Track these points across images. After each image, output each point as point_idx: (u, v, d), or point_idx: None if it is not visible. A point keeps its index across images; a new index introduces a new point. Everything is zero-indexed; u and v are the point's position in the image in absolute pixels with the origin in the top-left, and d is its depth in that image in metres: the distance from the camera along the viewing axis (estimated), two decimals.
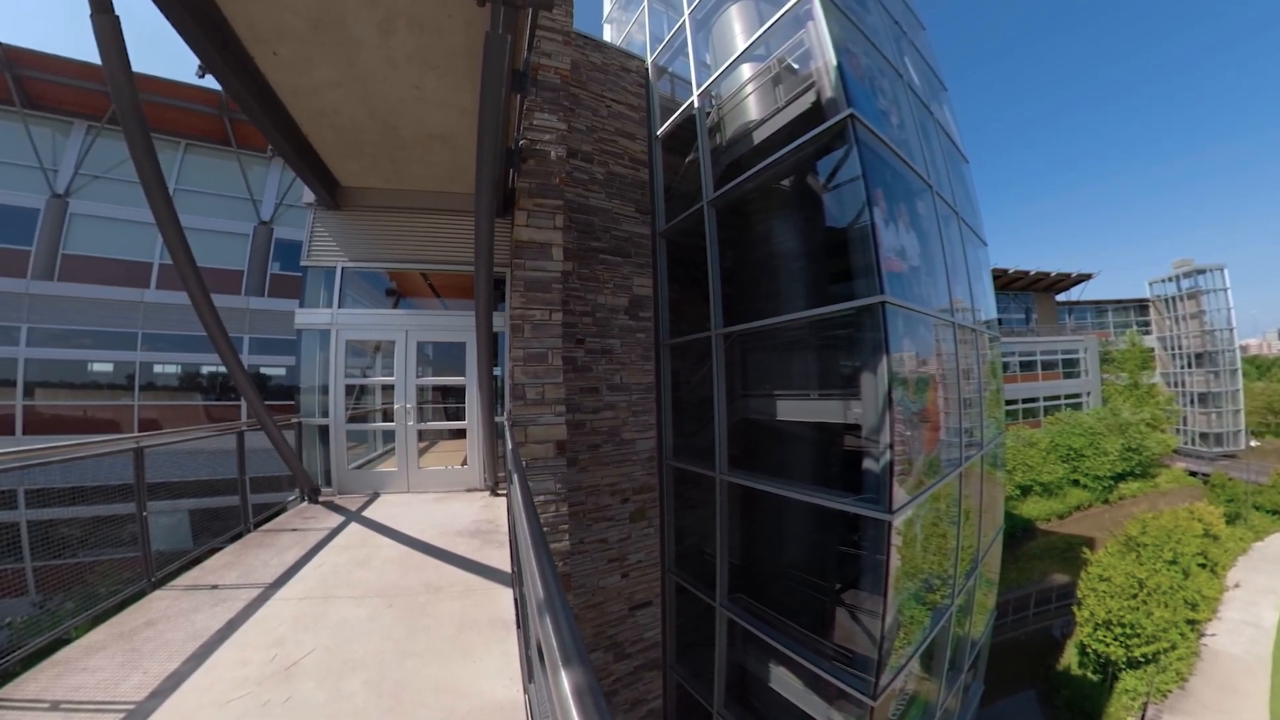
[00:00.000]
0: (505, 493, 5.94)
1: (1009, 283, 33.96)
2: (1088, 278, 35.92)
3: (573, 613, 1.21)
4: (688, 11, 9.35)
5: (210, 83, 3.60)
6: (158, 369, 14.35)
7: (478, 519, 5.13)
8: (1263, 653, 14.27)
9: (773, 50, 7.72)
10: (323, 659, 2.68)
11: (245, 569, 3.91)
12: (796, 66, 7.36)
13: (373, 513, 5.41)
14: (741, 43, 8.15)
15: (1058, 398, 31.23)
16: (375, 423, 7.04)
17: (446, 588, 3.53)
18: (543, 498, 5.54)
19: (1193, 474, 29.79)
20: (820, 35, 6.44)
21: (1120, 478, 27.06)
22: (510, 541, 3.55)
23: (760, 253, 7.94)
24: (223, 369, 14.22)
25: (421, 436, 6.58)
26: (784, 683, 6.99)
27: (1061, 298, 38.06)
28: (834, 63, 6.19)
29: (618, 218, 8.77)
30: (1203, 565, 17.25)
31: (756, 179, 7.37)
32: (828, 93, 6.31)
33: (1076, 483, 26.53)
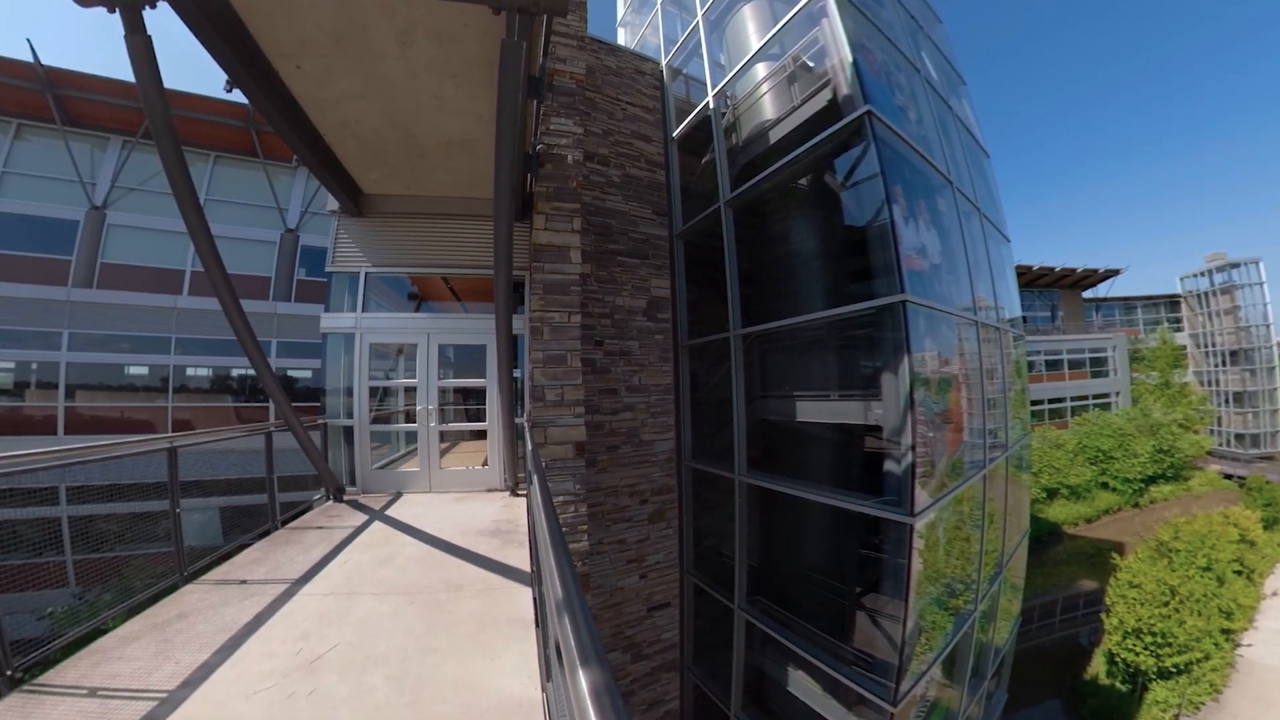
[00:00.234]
0: (525, 493, 5.99)
1: (1033, 280, 33.07)
2: (1116, 273, 34.86)
3: (591, 613, 1.22)
4: (701, 12, 9.34)
5: (237, 97, 3.72)
6: (190, 372, 14.84)
7: (498, 519, 5.19)
8: None
9: (787, 48, 7.67)
10: (346, 654, 2.75)
11: (273, 565, 4.02)
12: (811, 64, 7.30)
13: (395, 512, 5.51)
14: (755, 42, 8.12)
15: (1085, 398, 30.18)
16: (398, 424, 7.18)
17: (467, 586, 3.58)
18: (562, 498, 5.59)
19: (1228, 477, 28.53)
20: (835, 32, 6.39)
21: (1151, 480, 26.07)
22: (530, 541, 3.59)
23: (778, 253, 7.89)
24: (252, 372, 14.67)
25: (443, 437, 6.68)
26: (802, 687, 6.93)
27: (1088, 294, 36.96)
28: (849, 59, 6.13)
29: (635, 220, 8.80)
30: (1238, 572, 16.51)
31: (773, 179, 7.32)
32: (844, 90, 6.25)
33: (1105, 485, 25.68)
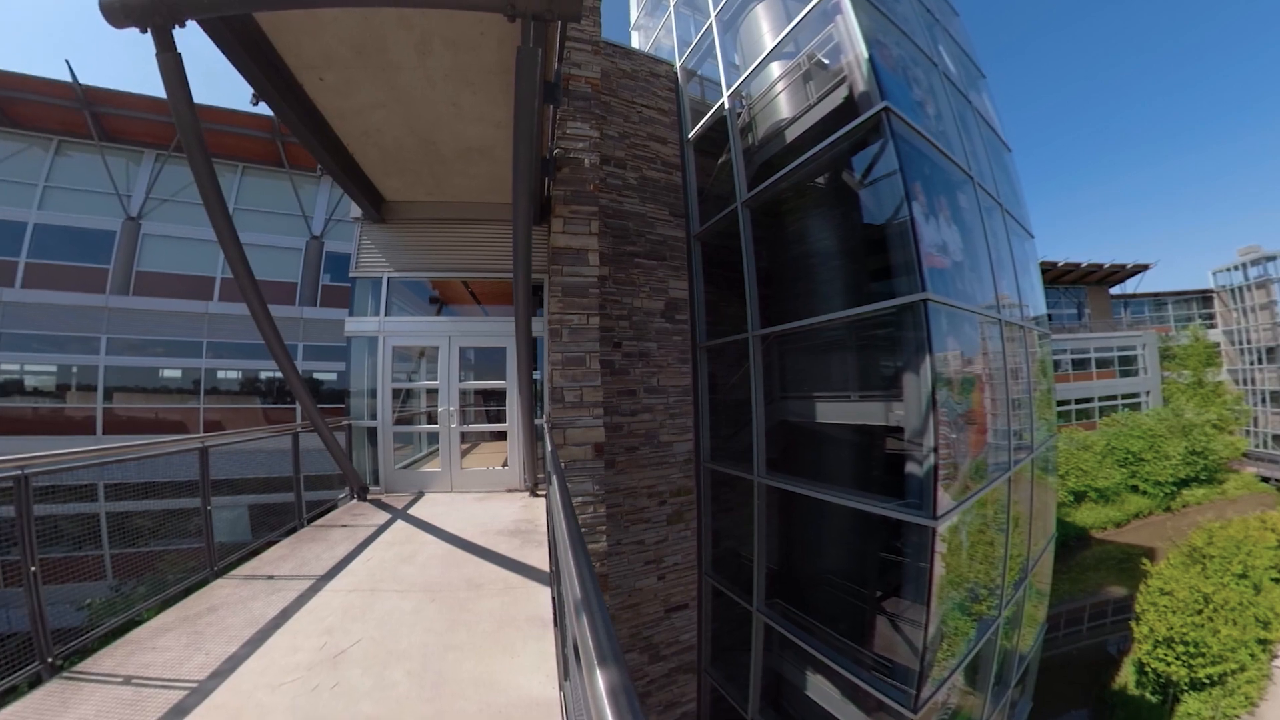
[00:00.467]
0: (544, 493, 6.04)
1: (1059, 276, 32.25)
2: (1144, 268, 33.85)
3: (609, 613, 1.22)
4: (714, 13, 9.33)
5: (263, 109, 3.85)
6: (221, 375, 15.33)
7: (518, 519, 5.24)
8: None
9: (802, 47, 7.62)
10: (369, 649, 2.81)
11: (299, 561, 4.12)
12: (827, 62, 7.23)
13: (418, 511, 5.60)
14: (770, 41, 8.07)
15: (1114, 397, 29.12)
16: (420, 425, 7.32)
17: (487, 585, 3.63)
18: (581, 499, 5.63)
19: (1265, 479, 27.26)
20: (850, 28, 6.33)
21: (1183, 483, 25.00)
22: (549, 541, 3.62)
23: (796, 252, 7.83)
24: (279, 374, 15.05)
25: (464, 438, 6.78)
26: (821, 691, 6.85)
27: (1116, 291, 35.93)
28: (865, 55, 6.07)
29: (652, 222, 8.82)
30: (1276, 579, 15.80)
31: (790, 178, 7.28)
32: (860, 86, 6.19)
33: (1135, 488, 24.75)
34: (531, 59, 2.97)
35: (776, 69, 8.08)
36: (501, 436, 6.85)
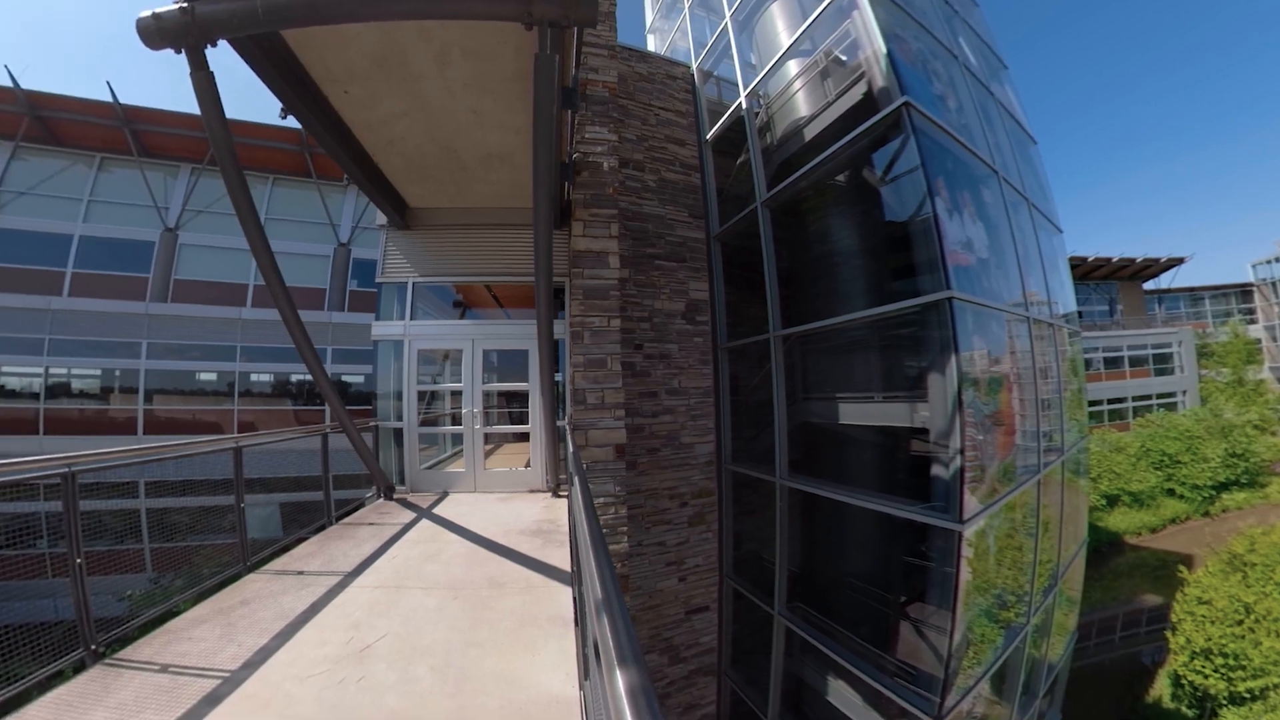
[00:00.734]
0: (566, 494, 6.10)
1: (1089, 271, 31.16)
2: (1179, 262, 32.44)
3: (630, 614, 1.22)
4: (729, 14, 9.30)
5: (291, 123, 3.98)
6: (254, 378, 15.90)
7: (540, 519, 5.30)
8: None
9: (818, 44, 7.55)
10: (394, 644, 2.87)
11: (327, 558, 4.23)
12: (844, 58, 7.15)
13: (442, 510, 5.71)
14: (786, 39, 8.02)
15: (1148, 397, 27.98)
16: (445, 426, 7.45)
17: (509, 584, 3.68)
18: (602, 500, 5.67)
19: None
20: (867, 23, 6.26)
21: (1223, 487, 23.75)
22: (570, 541, 3.65)
23: (817, 252, 7.75)
24: (309, 377, 15.50)
25: (487, 439, 6.90)
26: (842, 697, 6.75)
27: (1150, 286, 34.58)
28: (883, 50, 5.99)
29: (671, 223, 8.83)
30: None
31: (810, 177, 7.21)
32: (879, 82, 6.11)
33: (1171, 492, 23.67)
34: (549, 66, 3.01)
35: (793, 67, 8.02)
36: (524, 438, 6.94)
